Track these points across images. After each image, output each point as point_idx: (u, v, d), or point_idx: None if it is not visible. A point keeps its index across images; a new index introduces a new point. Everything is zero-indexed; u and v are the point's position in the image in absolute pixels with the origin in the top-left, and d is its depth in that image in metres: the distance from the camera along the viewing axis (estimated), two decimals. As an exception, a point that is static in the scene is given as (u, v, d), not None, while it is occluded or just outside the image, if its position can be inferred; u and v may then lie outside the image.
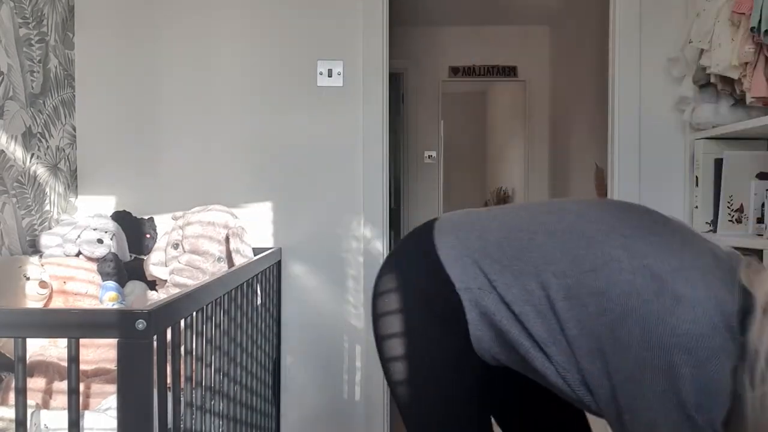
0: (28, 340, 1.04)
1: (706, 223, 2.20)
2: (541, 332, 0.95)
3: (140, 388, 1.00)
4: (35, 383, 1.57)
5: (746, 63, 1.81)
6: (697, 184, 2.23)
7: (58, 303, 1.93)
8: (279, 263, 2.42)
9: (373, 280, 1.16)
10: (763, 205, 1.97)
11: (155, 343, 1.04)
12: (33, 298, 1.84)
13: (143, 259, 2.21)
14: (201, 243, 2.02)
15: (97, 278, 2.01)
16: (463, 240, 1.06)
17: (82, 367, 1.58)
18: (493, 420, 1.20)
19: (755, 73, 1.78)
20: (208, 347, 1.43)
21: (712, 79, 2.03)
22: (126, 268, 2.10)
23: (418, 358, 1.08)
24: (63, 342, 1.70)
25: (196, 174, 2.46)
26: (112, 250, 2.05)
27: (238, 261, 2.01)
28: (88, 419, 1.34)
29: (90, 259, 2.03)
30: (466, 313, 1.02)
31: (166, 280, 2.04)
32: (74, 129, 2.42)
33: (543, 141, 5.12)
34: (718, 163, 2.14)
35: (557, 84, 4.89)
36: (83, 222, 2.10)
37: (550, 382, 0.98)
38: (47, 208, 2.21)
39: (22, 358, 1.02)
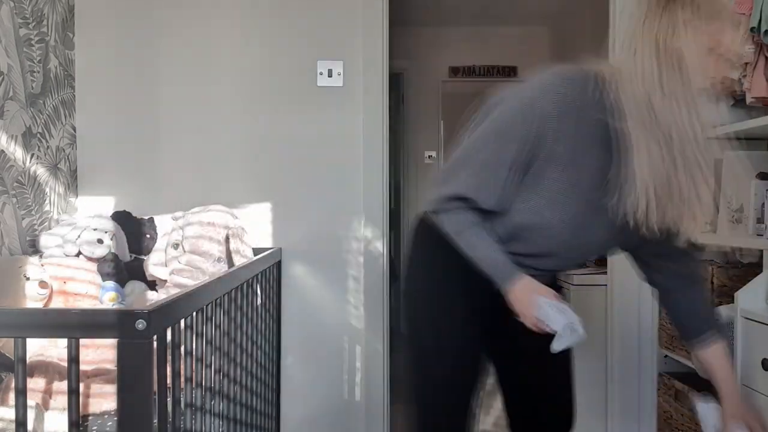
0: (28, 340, 1.04)
1: (706, 223, 2.19)
2: None
3: (140, 389, 1.00)
4: (35, 383, 1.57)
5: (746, 63, 1.81)
6: (697, 184, 2.22)
7: (58, 303, 1.93)
8: (279, 263, 2.42)
9: (372, 280, 1.16)
10: (763, 205, 1.97)
11: (155, 343, 1.04)
12: (33, 298, 1.84)
13: (143, 259, 2.21)
14: (201, 243, 2.01)
15: (97, 278, 2.01)
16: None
17: (82, 367, 1.58)
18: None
19: (755, 73, 1.78)
20: (208, 347, 1.43)
21: (712, 79, 2.02)
22: (126, 268, 2.10)
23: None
24: (63, 342, 1.70)
25: (196, 174, 2.45)
26: (112, 251, 2.05)
27: (238, 261, 2.01)
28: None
29: (90, 259, 2.03)
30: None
31: (166, 281, 2.04)
32: (74, 129, 2.42)
33: (543, 141, 5.10)
34: (718, 163, 2.14)
35: (557, 84, 4.87)
36: (83, 222, 2.09)
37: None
38: (47, 208, 2.21)
39: (22, 358, 1.02)
